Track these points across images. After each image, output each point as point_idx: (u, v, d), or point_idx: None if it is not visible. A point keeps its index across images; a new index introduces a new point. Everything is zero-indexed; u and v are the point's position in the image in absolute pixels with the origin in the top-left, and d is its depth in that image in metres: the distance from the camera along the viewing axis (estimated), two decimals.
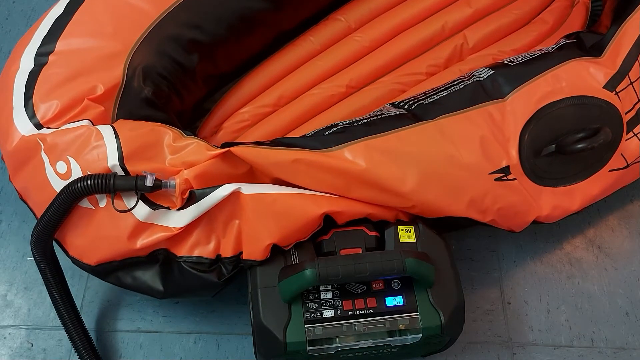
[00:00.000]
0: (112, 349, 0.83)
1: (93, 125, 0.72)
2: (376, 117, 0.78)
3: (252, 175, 0.73)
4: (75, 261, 0.75)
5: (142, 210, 0.69)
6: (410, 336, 0.69)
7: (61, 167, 0.70)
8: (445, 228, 0.78)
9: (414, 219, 0.75)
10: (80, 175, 0.69)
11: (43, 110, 0.73)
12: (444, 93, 0.81)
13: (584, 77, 0.79)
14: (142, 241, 0.70)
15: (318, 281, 0.66)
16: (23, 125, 0.73)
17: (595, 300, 0.88)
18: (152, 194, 0.69)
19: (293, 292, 0.68)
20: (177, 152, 0.71)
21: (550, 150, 0.76)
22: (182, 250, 0.72)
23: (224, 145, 0.72)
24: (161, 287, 0.73)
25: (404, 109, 0.81)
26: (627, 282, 0.89)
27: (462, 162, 0.73)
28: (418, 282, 0.70)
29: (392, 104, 0.86)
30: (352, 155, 0.72)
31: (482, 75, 0.80)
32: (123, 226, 0.70)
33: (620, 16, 0.84)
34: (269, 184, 0.72)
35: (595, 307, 0.87)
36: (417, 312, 0.69)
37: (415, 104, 0.80)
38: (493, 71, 0.80)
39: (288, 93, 0.96)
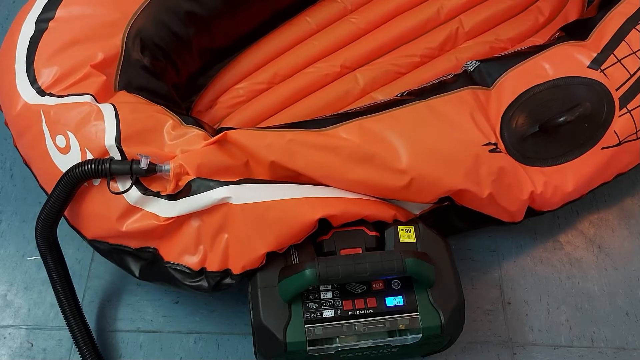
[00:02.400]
0: (112, 348, 0.83)
1: (96, 101, 0.73)
2: (370, 104, 0.81)
3: (248, 168, 0.72)
4: (76, 230, 0.76)
5: (133, 194, 0.70)
6: (410, 336, 0.69)
7: (60, 141, 0.72)
8: (447, 230, 0.78)
9: (414, 219, 0.75)
10: (78, 150, 0.71)
11: (44, 76, 0.75)
12: (435, 81, 0.83)
13: (567, 60, 0.80)
14: (129, 225, 0.71)
15: (318, 281, 0.66)
16: (25, 91, 0.75)
17: (595, 300, 0.88)
18: (146, 178, 0.70)
19: (293, 292, 0.68)
20: (175, 140, 0.72)
21: (534, 130, 0.77)
22: (170, 256, 0.72)
23: (219, 130, 0.72)
24: (138, 276, 0.75)
25: (396, 96, 0.83)
26: (627, 282, 0.89)
27: (456, 134, 0.74)
28: (418, 282, 0.70)
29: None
30: (346, 133, 0.73)
31: (470, 67, 0.83)
32: (114, 207, 0.71)
33: (609, 2, 0.85)
34: (262, 185, 0.71)
35: (595, 307, 0.87)
36: (417, 312, 0.69)
37: (407, 92, 0.82)
38: (480, 62, 0.82)
39: (283, 71, 0.98)
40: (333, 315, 0.69)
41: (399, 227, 0.73)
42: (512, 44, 1.01)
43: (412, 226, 0.74)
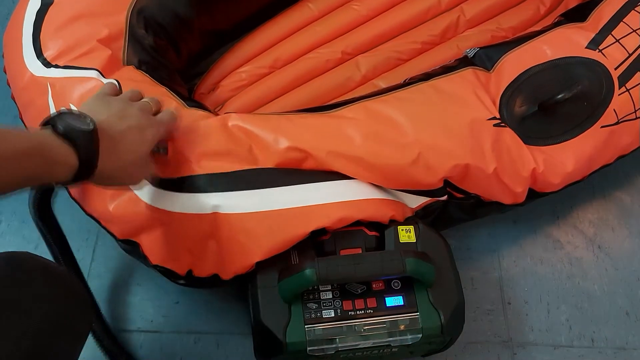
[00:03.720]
0: None
1: (102, 76, 0.74)
2: (373, 91, 0.81)
3: (251, 153, 0.71)
4: (77, 202, 0.77)
5: None
6: (410, 336, 0.69)
7: None
8: (447, 222, 0.78)
9: (413, 219, 0.75)
10: None
11: (50, 48, 0.76)
12: (437, 67, 0.84)
13: (566, 41, 0.81)
14: (116, 206, 0.70)
15: (318, 281, 0.65)
16: (32, 63, 0.76)
17: (596, 300, 0.88)
18: None
19: (293, 292, 0.68)
20: (178, 116, 0.71)
21: (533, 109, 0.77)
22: (156, 259, 0.72)
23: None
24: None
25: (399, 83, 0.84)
26: (627, 282, 0.89)
27: (460, 109, 0.75)
28: (418, 282, 0.70)
29: None
30: (352, 113, 0.74)
31: (470, 54, 0.84)
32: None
33: None
34: (255, 192, 0.69)
35: (596, 307, 0.87)
36: (417, 312, 0.69)
37: (409, 79, 0.83)
38: (480, 49, 0.83)
39: (285, 56, 0.99)
40: (333, 315, 0.69)
41: (398, 227, 0.73)
42: (514, 33, 1.00)
43: (412, 226, 0.73)
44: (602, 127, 0.79)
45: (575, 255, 0.91)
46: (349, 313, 0.69)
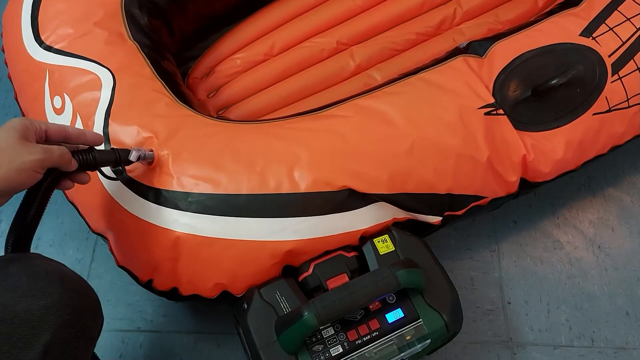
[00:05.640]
0: (112, 348, 0.83)
1: (101, 66, 0.74)
2: (363, 90, 0.81)
3: (233, 179, 0.71)
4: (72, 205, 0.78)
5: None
6: (419, 345, 0.67)
7: (57, 102, 0.74)
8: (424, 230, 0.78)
9: (387, 229, 0.73)
10: (70, 114, 0.73)
11: (48, 31, 0.77)
12: (427, 62, 0.84)
13: (559, 29, 0.82)
14: (87, 195, 0.71)
15: (320, 324, 0.62)
16: (31, 46, 0.77)
17: (595, 300, 0.88)
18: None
19: (297, 342, 0.64)
20: (167, 119, 0.71)
21: (527, 94, 0.77)
22: (122, 260, 0.72)
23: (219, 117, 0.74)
24: None
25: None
26: (627, 282, 0.89)
27: (450, 100, 0.75)
28: (411, 289, 0.69)
29: None
30: (342, 111, 0.75)
31: (462, 46, 0.84)
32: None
33: None
34: (225, 219, 0.68)
35: (595, 307, 0.87)
36: (419, 319, 0.68)
37: (400, 75, 0.83)
38: (472, 41, 0.84)
39: (280, 43, 0.99)
40: (341, 350, 0.66)
41: (374, 240, 0.72)
42: (511, 26, 1.00)
43: (387, 235, 0.72)
44: (594, 114, 0.79)
45: (575, 255, 0.91)
46: (356, 342, 0.66)
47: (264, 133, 0.72)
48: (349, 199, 0.70)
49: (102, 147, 0.68)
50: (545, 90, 0.77)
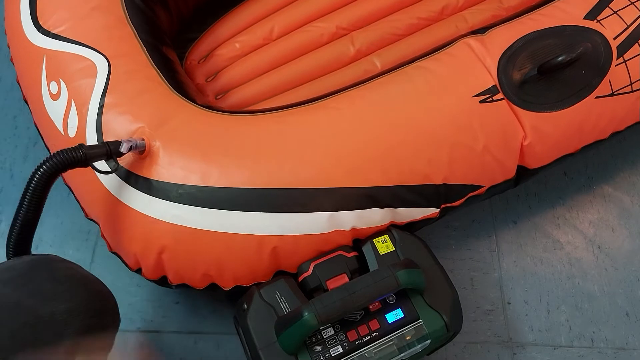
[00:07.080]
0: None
1: (97, 52, 0.74)
2: (358, 81, 0.80)
3: (225, 172, 0.71)
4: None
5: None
6: (419, 345, 0.68)
7: (53, 87, 0.74)
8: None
9: (387, 229, 0.74)
10: (65, 101, 0.73)
11: (46, 15, 0.77)
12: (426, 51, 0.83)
13: (562, 13, 0.81)
14: (82, 181, 0.72)
15: (320, 324, 0.62)
16: (30, 31, 0.78)
17: (595, 300, 0.88)
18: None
19: (297, 342, 0.64)
20: (159, 108, 0.72)
21: (532, 73, 0.76)
22: (114, 247, 0.73)
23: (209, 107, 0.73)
24: None
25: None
26: (627, 282, 0.89)
27: (444, 88, 0.74)
28: (411, 289, 0.69)
29: None
30: (335, 103, 0.74)
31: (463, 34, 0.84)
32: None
33: None
34: (216, 212, 0.68)
35: (595, 307, 0.87)
36: (419, 319, 0.68)
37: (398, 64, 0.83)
38: (473, 31, 0.83)
39: (279, 27, 0.98)
40: (341, 350, 0.66)
41: (374, 240, 0.72)
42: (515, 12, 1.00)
43: (387, 235, 0.72)
44: (596, 97, 0.79)
45: (575, 255, 0.91)
46: (356, 343, 0.67)
47: (256, 126, 0.72)
48: (340, 197, 0.70)
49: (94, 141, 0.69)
50: (551, 67, 0.75)
